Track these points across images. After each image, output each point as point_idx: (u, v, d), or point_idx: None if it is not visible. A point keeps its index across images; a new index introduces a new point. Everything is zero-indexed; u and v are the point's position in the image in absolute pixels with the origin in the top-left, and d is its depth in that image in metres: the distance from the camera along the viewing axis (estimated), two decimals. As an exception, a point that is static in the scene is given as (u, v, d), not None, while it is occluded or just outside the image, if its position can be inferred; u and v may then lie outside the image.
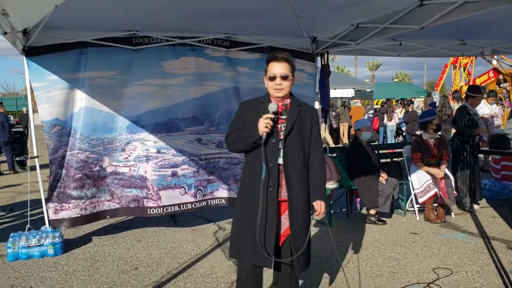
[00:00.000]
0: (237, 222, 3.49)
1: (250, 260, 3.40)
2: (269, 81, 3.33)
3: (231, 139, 3.41)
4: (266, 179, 3.27)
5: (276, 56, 3.33)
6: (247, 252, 3.37)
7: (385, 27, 5.90)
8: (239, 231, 3.45)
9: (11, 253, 5.56)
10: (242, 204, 3.46)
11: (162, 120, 6.40)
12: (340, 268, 5.03)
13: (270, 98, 3.39)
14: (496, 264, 5.07)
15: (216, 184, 6.80)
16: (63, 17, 5.17)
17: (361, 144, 7.07)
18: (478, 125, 7.47)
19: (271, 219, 3.30)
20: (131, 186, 6.33)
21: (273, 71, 3.30)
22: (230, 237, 3.57)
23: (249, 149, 3.35)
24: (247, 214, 3.37)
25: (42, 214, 6.05)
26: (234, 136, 3.40)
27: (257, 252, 3.28)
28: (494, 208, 7.56)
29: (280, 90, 3.31)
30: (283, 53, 3.36)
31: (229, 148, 3.47)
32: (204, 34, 6.48)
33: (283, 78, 3.29)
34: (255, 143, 3.26)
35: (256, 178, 3.30)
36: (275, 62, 3.31)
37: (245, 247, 3.37)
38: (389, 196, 6.75)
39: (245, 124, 3.37)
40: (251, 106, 3.43)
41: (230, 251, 3.53)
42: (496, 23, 6.33)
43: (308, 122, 3.42)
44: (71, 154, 6.03)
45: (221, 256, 5.55)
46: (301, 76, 7.19)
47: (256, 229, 3.26)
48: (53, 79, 5.82)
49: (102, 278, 4.96)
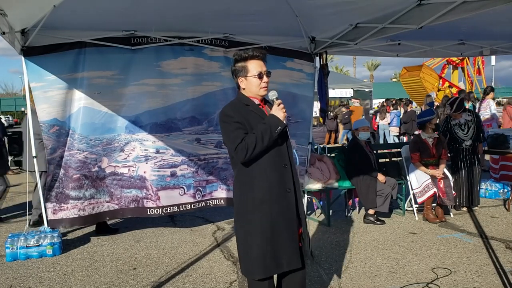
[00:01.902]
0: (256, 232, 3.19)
1: (281, 268, 3.22)
2: (257, 79, 3.19)
3: (247, 143, 3.05)
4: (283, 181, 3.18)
5: (257, 55, 3.23)
6: (277, 261, 3.18)
7: (383, 27, 5.91)
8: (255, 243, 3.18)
9: (9, 253, 5.55)
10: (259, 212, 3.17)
11: (160, 120, 6.40)
12: (340, 268, 5.04)
13: (249, 99, 3.26)
14: (495, 263, 5.07)
15: (215, 184, 6.79)
16: (62, 17, 5.17)
17: (359, 144, 7.07)
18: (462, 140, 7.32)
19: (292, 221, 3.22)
20: (131, 187, 6.32)
21: (258, 68, 3.20)
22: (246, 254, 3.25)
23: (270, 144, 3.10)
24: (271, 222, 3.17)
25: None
26: (248, 140, 3.06)
27: (293, 257, 3.19)
28: (493, 208, 7.56)
29: (266, 88, 3.22)
30: (262, 50, 3.29)
31: (245, 155, 3.07)
32: (203, 34, 6.48)
33: (268, 75, 3.23)
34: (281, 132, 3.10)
35: (273, 180, 3.16)
36: (256, 60, 3.22)
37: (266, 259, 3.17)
38: (387, 196, 6.76)
39: (246, 128, 3.14)
40: (240, 110, 3.21)
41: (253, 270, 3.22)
42: (495, 23, 6.34)
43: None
44: (69, 154, 6.02)
45: (219, 256, 5.55)
46: (300, 76, 7.20)
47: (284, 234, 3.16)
48: (51, 79, 5.82)
49: (101, 278, 4.95)
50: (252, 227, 3.19)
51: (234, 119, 3.15)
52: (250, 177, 3.20)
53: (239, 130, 3.12)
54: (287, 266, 3.21)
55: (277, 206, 3.16)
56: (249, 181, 3.21)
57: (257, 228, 3.17)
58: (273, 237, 3.17)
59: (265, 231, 3.16)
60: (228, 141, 3.18)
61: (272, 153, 3.17)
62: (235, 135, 3.11)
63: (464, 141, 7.33)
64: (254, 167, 3.18)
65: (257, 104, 3.27)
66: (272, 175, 3.17)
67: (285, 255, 3.18)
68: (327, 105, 7.85)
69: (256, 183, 3.18)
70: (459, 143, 7.35)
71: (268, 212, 3.16)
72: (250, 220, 3.21)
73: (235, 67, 3.30)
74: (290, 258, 3.19)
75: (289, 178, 3.21)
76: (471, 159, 7.35)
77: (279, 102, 3.14)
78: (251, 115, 3.19)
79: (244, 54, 3.25)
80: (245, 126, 3.14)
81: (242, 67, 3.25)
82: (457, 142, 7.37)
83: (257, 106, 3.26)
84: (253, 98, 3.27)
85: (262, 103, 3.29)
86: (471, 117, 7.43)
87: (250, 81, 3.22)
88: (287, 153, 3.23)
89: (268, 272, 3.21)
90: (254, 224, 3.18)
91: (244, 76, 3.24)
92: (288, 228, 3.19)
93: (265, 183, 3.17)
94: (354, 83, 28.01)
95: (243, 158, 3.08)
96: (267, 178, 3.17)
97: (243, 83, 3.27)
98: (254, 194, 3.18)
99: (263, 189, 3.17)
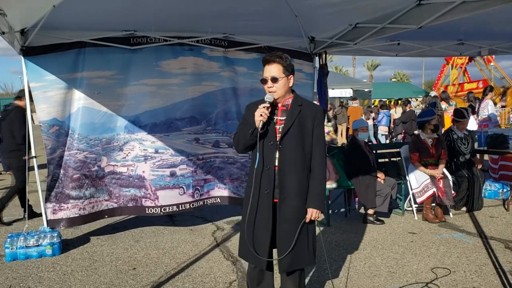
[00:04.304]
0: (242, 222, 3.51)
1: (248, 259, 3.47)
2: (262, 83, 3.37)
3: (236, 138, 3.52)
4: (260, 180, 3.35)
5: (267, 59, 3.35)
6: (246, 251, 3.43)
7: (383, 27, 5.91)
8: (242, 230, 3.48)
9: (9, 253, 5.55)
10: (245, 203, 3.49)
11: (160, 120, 6.40)
12: (339, 268, 5.04)
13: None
14: (494, 263, 5.07)
15: (212, 183, 6.81)
16: (61, 17, 5.16)
17: (358, 144, 7.07)
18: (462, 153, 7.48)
19: (266, 220, 3.35)
20: (129, 186, 6.33)
21: (264, 74, 3.34)
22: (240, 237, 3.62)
23: (250, 143, 3.37)
24: (247, 214, 3.41)
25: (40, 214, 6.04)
26: (237, 135, 3.51)
27: (252, 252, 3.37)
28: (492, 208, 7.56)
29: (273, 93, 3.32)
30: (275, 54, 3.36)
31: (236, 148, 3.57)
32: (202, 34, 6.48)
33: (274, 81, 3.30)
34: (253, 133, 3.29)
35: (255, 177, 3.36)
36: (266, 65, 3.35)
37: (245, 246, 3.43)
38: (387, 195, 6.76)
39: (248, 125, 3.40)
40: (253, 107, 3.40)
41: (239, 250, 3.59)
42: (494, 23, 6.34)
43: (309, 122, 3.37)
44: (69, 154, 6.03)
45: (219, 256, 5.55)
46: (299, 76, 7.19)
47: (251, 229, 3.36)
48: (51, 79, 5.82)
49: (100, 278, 4.95)
50: (242, 212, 3.52)
51: (244, 114, 3.54)
52: (250, 168, 3.54)
53: (242, 125, 3.51)
54: (248, 259, 3.50)
55: (255, 204, 3.37)
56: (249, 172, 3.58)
57: (244, 217, 3.47)
58: (251, 230, 3.40)
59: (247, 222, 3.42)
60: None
61: (260, 152, 3.34)
62: (238, 129, 3.55)
63: (464, 154, 7.52)
64: (252, 162, 3.48)
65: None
66: (257, 173, 3.38)
67: (247, 248, 3.40)
68: (326, 105, 7.85)
69: (249, 174, 3.49)
70: (457, 157, 7.51)
71: (250, 206, 3.37)
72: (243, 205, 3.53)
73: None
74: (251, 254, 3.41)
75: (269, 180, 3.35)
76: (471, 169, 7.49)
77: (262, 105, 3.27)
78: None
79: (263, 57, 3.43)
80: (246, 122, 3.44)
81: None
82: (456, 155, 7.51)
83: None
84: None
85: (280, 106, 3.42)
86: (468, 132, 7.79)
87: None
88: (276, 155, 3.34)
89: (240, 255, 3.57)
90: (243, 210, 3.51)
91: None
92: (263, 228, 3.37)
93: (250, 177, 3.43)
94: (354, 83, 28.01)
95: (235, 148, 3.61)
96: (252, 176, 3.40)
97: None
98: (247, 184, 3.51)
99: (250, 185, 3.41)
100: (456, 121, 7.66)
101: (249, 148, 3.45)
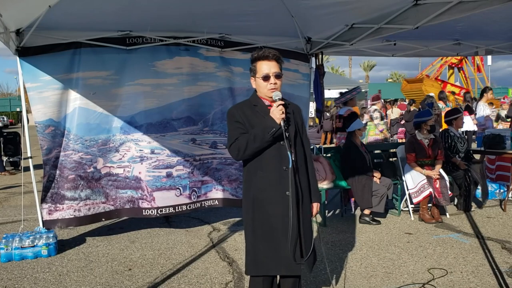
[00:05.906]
0: (254, 235, 3.26)
1: (277, 271, 3.26)
2: (263, 81, 3.20)
3: (239, 144, 3.17)
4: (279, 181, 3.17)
5: (266, 55, 3.21)
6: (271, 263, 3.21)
7: (379, 27, 5.91)
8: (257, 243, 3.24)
9: (4, 254, 5.53)
10: (256, 213, 3.24)
11: (156, 120, 6.37)
12: (335, 269, 5.03)
13: (259, 99, 3.30)
14: (491, 264, 5.07)
15: (210, 185, 6.78)
16: (57, 18, 5.15)
17: (355, 144, 7.07)
18: (459, 151, 7.54)
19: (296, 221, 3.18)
20: (126, 187, 6.30)
21: (265, 70, 3.18)
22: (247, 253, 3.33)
23: (264, 146, 3.14)
24: (266, 222, 3.21)
25: (36, 214, 6.02)
26: (241, 140, 3.16)
27: (286, 260, 3.17)
28: (489, 208, 7.57)
29: (275, 90, 3.20)
30: (273, 51, 3.25)
31: (237, 155, 3.20)
32: (198, 34, 6.46)
33: (277, 77, 3.19)
34: (274, 135, 3.08)
35: (272, 182, 3.19)
36: (266, 61, 3.20)
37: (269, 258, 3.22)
38: (383, 196, 6.76)
39: (246, 128, 3.21)
40: (245, 110, 3.27)
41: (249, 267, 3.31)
42: (491, 23, 6.35)
43: (299, 120, 3.37)
44: (65, 154, 6.00)
45: (215, 257, 5.54)
46: (296, 76, 7.19)
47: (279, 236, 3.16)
48: (46, 79, 5.80)
49: (96, 279, 4.94)
50: (247, 224, 3.30)
51: (235, 118, 3.24)
52: (249, 176, 3.29)
53: (237, 130, 3.21)
54: (275, 271, 3.24)
55: (272, 208, 3.17)
56: (248, 179, 3.30)
57: (249, 227, 3.27)
58: (265, 238, 3.20)
59: (256, 230, 3.22)
60: (227, 139, 3.30)
61: (272, 155, 3.18)
62: (232, 134, 3.23)
63: (460, 152, 7.58)
64: (253, 167, 3.25)
65: (266, 105, 3.28)
66: (270, 177, 3.19)
67: (276, 259, 3.19)
68: (323, 106, 7.84)
69: (253, 182, 3.25)
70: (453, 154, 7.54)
71: (262, 212, 3.19)
72: (246, 217, 3.31)
73: (251, 66, 3.33)
74: (280, 263, 3.20)
75: (288, 181, 3.15)
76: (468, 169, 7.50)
77: (278, 103, 3.12)
78: (256, 116, 3.23)
79: (255, 54, 3.28)
80: (244, 126, 3.20)
81: (254, 68, 3.27)
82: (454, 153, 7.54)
83: (265, 107, 3.27)
84: (264, 99, 3.30)
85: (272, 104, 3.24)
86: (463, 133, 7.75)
87: (258, 82, 3.26)
88: (291, 156, 3.14)
89: (255, 271, 3.27)
90: (247, 221, 3.28)
91: (254, 77, 3.28)
92: (283, 233, 3.17)
93: (262, 184, 3.21)
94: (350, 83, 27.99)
95: (235, 157, 3.23)
96: (264, 179, 3.20)
97: (253, 84, 3.32)
98: (250, 193, 3.25)
99: (258, 189, 3.22)
100: (454, 119, 7.66)
101: (258, 153, 3.19)
